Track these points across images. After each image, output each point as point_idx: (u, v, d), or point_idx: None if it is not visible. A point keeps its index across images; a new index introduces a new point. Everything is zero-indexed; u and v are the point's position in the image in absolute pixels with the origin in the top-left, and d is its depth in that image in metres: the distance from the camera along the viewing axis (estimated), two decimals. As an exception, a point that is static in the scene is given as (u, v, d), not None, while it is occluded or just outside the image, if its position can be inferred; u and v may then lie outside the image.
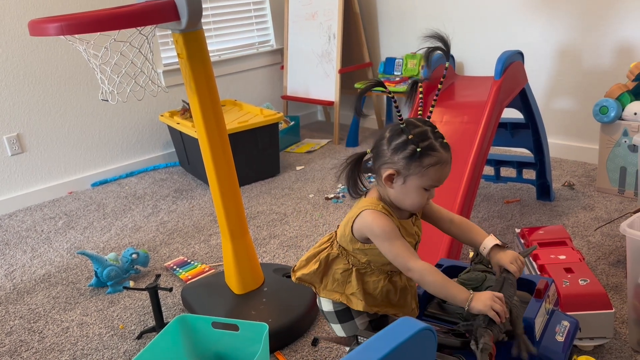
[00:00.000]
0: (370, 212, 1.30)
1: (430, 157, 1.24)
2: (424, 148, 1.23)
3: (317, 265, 1.40)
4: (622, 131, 2.66)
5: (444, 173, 1.28)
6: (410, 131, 1.24)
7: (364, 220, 1.30)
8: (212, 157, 1.85)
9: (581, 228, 2.46)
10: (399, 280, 1.38)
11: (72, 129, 3.54)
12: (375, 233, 1.29)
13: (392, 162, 1.27)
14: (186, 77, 1.73)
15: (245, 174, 3.34)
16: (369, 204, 1.32)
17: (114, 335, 2.05)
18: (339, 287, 1.40)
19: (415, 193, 1.28)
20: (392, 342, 0.65)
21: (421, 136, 1.24)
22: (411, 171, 1.25)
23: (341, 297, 1.39)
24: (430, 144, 1.24)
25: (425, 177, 1.25)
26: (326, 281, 1.41)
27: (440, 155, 1.25)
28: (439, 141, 1.26)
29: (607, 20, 2.97)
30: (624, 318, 1.82)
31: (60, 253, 2.75)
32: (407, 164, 1.25)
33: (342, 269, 1.38)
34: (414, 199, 1.28)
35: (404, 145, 1.25)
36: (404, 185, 1.27)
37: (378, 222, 1.28)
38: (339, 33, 3.90)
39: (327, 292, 1.41)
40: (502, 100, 2.26)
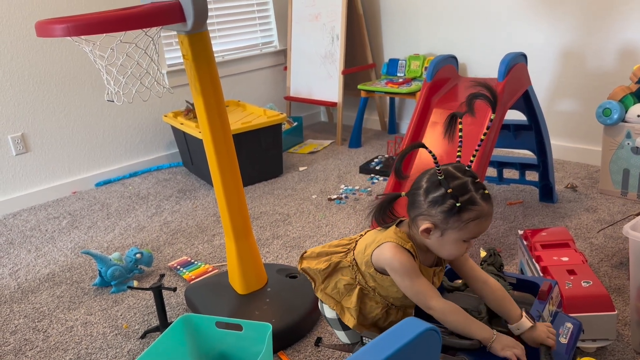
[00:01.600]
0: (393, 245, 1.26)
1: (470, 212, 1.18)
2: (464, 202, 1.18)
3: (326, 265, 1.39)
4: (625, 133, 2.67)
5: (484, 226, 1.22)
6: (449, 184, 1.19)
7: (383, 253, 1.27)
8: (216, 158, 1.86)
9: (584, 230, 2.46)
10: (394, 314, 1.38)
11: (76, 129, 3.55)
12: (394, 268, 1.25)
13: (429, 214, 1.22)
14: (191, 78, 1.74)
15: (249, 174, 3.35)
16: (397, 238, 1.27)
17: (118, 334, 2.06)
18: (337, 295, 1.39)
19: (453, 245, 1.23)
20: (397, 342, 0.65)
21: (461, 189, 1.18)
22: (449, 225, 1.20)
23: (336, 306, 1.39)
24: (470, 197, 1.18)
25: (465, 231, 1.20)
26: (327, 284, 1.40)
27: (480, 209, 1.19)
28: (480, 193, 1.19)
29: (611, 22, 2.97)
30: (626, 320, 1.82)
31: (65, 252, 2.77)
32: (446, 218, 1.19)
33: (346, 281, 1.37)
34: (451, 250, 1.24)
35: (442, 199, 1.19)
36: (441, 238, 1.23)
37: (399, 258, 1.24)
38: (342, 34, 3.90)
39: (324, 294, 1.41)
40: (505, 102, 2.26)
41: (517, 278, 1.51)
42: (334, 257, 1.40)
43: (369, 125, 4.40)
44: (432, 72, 2.48)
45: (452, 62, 2.61)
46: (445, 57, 2.56)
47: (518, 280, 1.51)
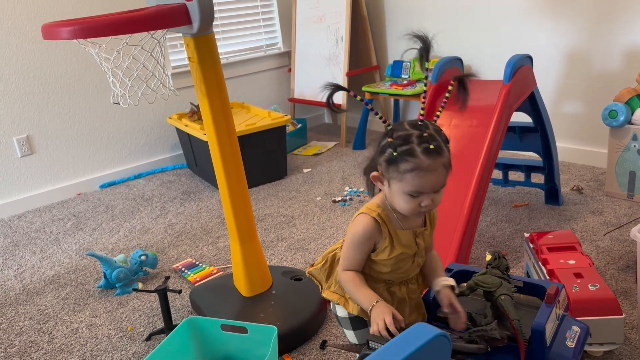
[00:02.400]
0: (362, 216, 1.30)
1: (406, 163, 1.18)
2: (401, 152, 1.19)
3: (323, 262, 1.42)
4: (632, 135, 2.65)
5: (428, 181, 1.20)
6: (393, 134, 1.22)
7: (354, 221, 1.32)
8: (222, 161, 1.86)
9: (590, 233, 2.45)
10: (397, 291, 1.37)
11: (81, 131, 3.56)
12: (351, 229, 1.31)
13: (378, 163, 1.26)
14: (197, 80, 1.74)
15: (253, 176, 3.35)
16: (366, 208, 1.31)
17: (123, 336, 2.06)
18: (340, 290, 1.39)
19: (400, 198, 1.23)
20: (408, 348, 0.65)
21: (402, 140, 1.20)
22: (390, 175, 1.22)
23: (340, 300, 1.38)
24: (409, 149, 1.18)
25: (404, 183, 1.20)
26: (330, 281, 1.42)
27: (418, 162, 1.18)
28: (422, 147, 1.18)
29: (617, 24, 2.96)
30: (633, 324, 1.81)
31: (69, 254, 2.77)
32: (387, 167, 1.23)
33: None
34: (401, 203, 1.24)
35: (385, 148, 1.23)
36: (389, 188, 1.25)
37: (356, 227, 1.29)
38: (346, 36, 3.90)
39: (329, 292, 1.41)
40: (511, 104, 2.26)
41: (524, 281, 1.50)
42: (330, 254, 1.42)
43: (373, 127, 4.39)
44: (437, 74, 2.47)
45: (457, 64, 2.60)
46: (450, 59, 2.55)
47: (524, 283, 1.50)
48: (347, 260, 1.32)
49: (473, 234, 2.09)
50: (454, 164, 1.56)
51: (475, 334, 1.28)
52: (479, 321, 1.37)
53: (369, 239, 1.29)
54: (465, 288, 1.46)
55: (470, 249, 2.09)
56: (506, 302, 1.37)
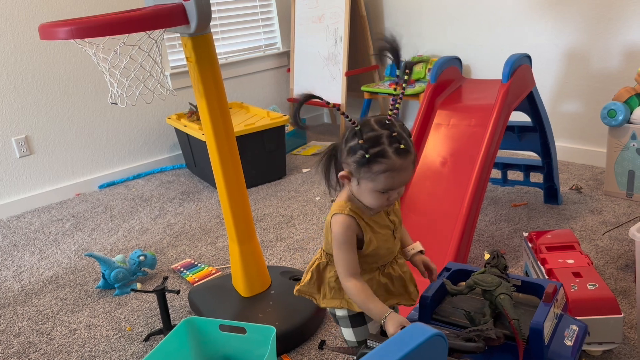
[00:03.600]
0: (336, 217, 1.30)
1: (379, 164, 1.19)
2: (373, 155, 1.19)
3: (309, 276, 1.40)
4: (631, 134, 2.65)
5: (398, 179, 1.22)
6: (363, 135, 1.20)
7: (332, 225, 1.31)
8: (220, 161, 1.86)
9: (589, 232, 2.45)
10: (392, 271, 1.38)
11: (80, 131, 3.56)
12: (332, 236, 1.30)
13: (346, 162, 1.25)
14: (195, 81, 1.74)
15: (252, 176, 3.35)
16: (337, 208, 1.31)
17: (122, 337, 2.05)
18: (337, 294, 1.39)
19: (371, 195, 1.25)
20: (403, 348, 0.65)
21: (372, 142, 1.20)
22: (362, 175, 1.23)
23: (341, 303, 1.38)
24: (380, 150, 1.19)
25: (376, 182, 1.22)
26: (324, 290, 1.40)
27: (391, 163, 1.19)
28: (393, 147, 1.19)
29: (616, 23, 2.95)
30: (632, 323, 1.81)
31: (68, 255, 2.77)
32: (358, 167, 1.22)
33: (334, 276, 1.37)
34: (371, 200, 1.26)
35: (355, 149, 1.22)
36: (358, 186, 1.26)
37: (336, 228, 1.29)
38: (345, 36, 3.90)
39: (327, 301, 1.40)
40: (509, 103, 2.26)
41: (522, 280, 1.50)
42: (313, 265, 1.41)
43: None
44: (436, 73, 2.47)
45: (456, 63, 2.60)
46: (449, 58, 2.55)
47: (523, 282, 1.49)
48: (344, 265, 1.30)
49: (472, 233, 2.09)
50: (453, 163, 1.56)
51: (472, 333, 1.27)
52: (477, 320, 1.37)
53: (352, 232, 1.29)
54: (464, 287, 1.46)
55: (469, 249, 2.09)
56: (505, 301, 1.37)
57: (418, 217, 2.20)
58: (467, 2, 3.59)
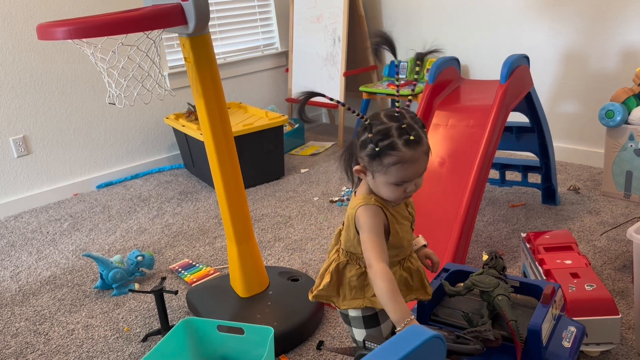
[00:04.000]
0: (361, 209, 1.28)
1: (390, 157, 1.21)
2: (383, 147, 1.20)
3: (329, 278, 1.37)
4: (629, 135, 2.66)
5: (411, 171, 1.23)
6: (372, 129, 1.22)
7: (358, 217, 1.29)
8: (218, 161, 1.86)
9: (587, 232, 2.45)
10: (411, 265, 1.37)
11: (78, 131, 3.55)
12: (360, 225, 1.28)
13: (360, 157, 1.27)
14: (193, 81, 1.74)
15: (250, 176, 3.34)
16: (362, 200, 1.30)
17: (119, 337, 2.05)
18: (358, 294, 1.36)
19: (386, 188, 1.26)
20: (402, 350, 0.65)
21: (382, 135, 1.21)
22: (374, 169, 1.24)
23: (364, 302, 1.35)
24: (390, 143, 1.20)
25: (389, 175, 1.23)
26: (343, 292, 1.38)
27: (401, 155, 1.20)
28: (403, 139, 1.20)
29: (614, 24, 2.96)
30: (630, 324, 1.81)
31: (66, 255, 2.76)
32: (370, 161, 1.24)
33: (355, 274, 1.35)
34: (387, 193, 1.27)
35: (366, 143, 1.23)
36: (373, 180, 1.27)
37: (364, 215, 1.27)
38: (344, 36, 3.90)
39: (347, 302, 1.37)
40: (507, 104, 2.26)
41: (520, 281, 1.50)
42: (331, 266, 1.38)
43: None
44: (435, 74, 2.47)
45: (454, 64, 2.60)
46: (448, 59, 2.55)
47: (521, 283, 1.50)
48: (376, 249, 1.25)
49: (470, 233, 2.09)
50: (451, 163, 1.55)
51: (470, 334, 1.28)
52: (475, 321, 1.37)
53: (381, 221, 1.28)
54: (462, 288, 1.46)
55: (467, 249, 2.09)
56: (503, 302, 1.37)
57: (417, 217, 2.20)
58: (466, 3, 3.59)
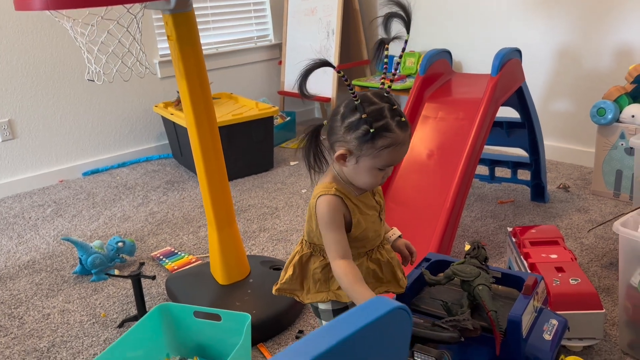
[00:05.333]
0: (322, 198, 1.24)
1: (385, 139, 1.16)
2: (378, 129, 1.15)
3: (291, 270, 1.33)
4: (620, 134, 2.63)
5: (400, 154, 1.20)
6: (365, 109, 1.16)
7: (317, 207, 1.25)
8: (199, 141, 1.81)
9: (575, 230, 2.43)
10: (380, 256, 1.33)
11: (65, 117, 3.50)
12: (318, 217, 1.24)
13: (344, 140, 1.19)
14: (175, 59, 1.70)
15: (239, 167, 3.30)
16: (322, 189, 1.25)
17: (95, 323, 2.01)
18: (322, 286, 1.32)
19: (368, 173, 1.21)
20: (363, 319, 0.61)
21: (376, 115, 1.16)
22: (364, 152, 1.18)
23: (328, 296, 1.32)
24: (385, 124, 1.16)
25: (379, 159, 1.18)
26: (307, 285, 1.34)
27: (395, 137, 1.17)
28: (395, 120, 1.16)
29: (607, 22, 2.94)
30: (614, 320, 1.78)
31: (47, 240, 2.71)
32: (360, 144, 1.17)
33: (319, 266, 1.31)
34: (366, 179, 1.22)
35: (357, 124, 1.16)
36: (356, 165, 1.20)
37: (323, 209, 1.23)
38: (337, 29, 3.86)
39: (312, 295, 1.34)
40: (498, 97, 2.23)
41: (502, 272, 1.47)
42: (294, 259, 1.34)
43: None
44: (425, 65, 2.44)
45: (445, 56, 2.57)
46: (439, 51, 2.52)
47: (503, 274, 1.47)
48: (335, 246, 1.24)
49: (456, 226, 2.06)
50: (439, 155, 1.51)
51: (448, 323, 1.24)
52: (454, 311, 1.34)
53: (340, 212, 1.24)
54: (443, 277, 1.43)
55: (452, 242, 2.06)
56: (483, 292, 1.34)
57: (403, 208, 2.17)
58: (462, 0, 3.56)
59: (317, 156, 1.26)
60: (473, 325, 1.26)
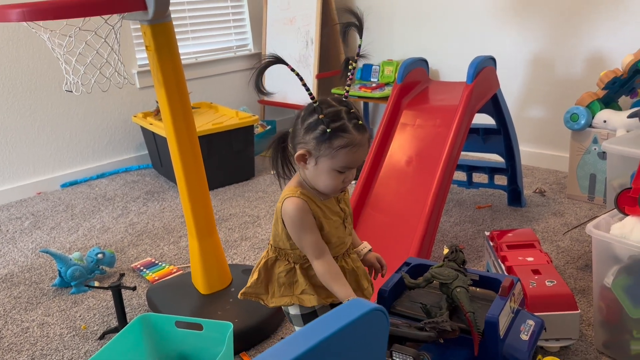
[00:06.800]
0: (288, 200, 1.26)
1: (341, 139, 1.20)
2: (334, 129, 1.19)
3: (256, 275, 1.36)
4: (592, 138, 2.70)
5: (357, 156, 1.23)
6: (323, 110, 1.20)
7: (284, 211, 1.27)
8: (179, 150, 1.82)
9: (551, 233, 2.48)
10: (345, 264, 1.35)
11: (42, 128, 3.46)
12: (286, 222, 1.26)
13: (304, 141, 1.23)
14: (154, 70, 1.70)
15: (219, 176, 3.30)
16: (288, 192, 1.28)
17: (76, 335, 1.99)
18: (286, 291, 1.35)
19: (328, 175, 1.24)
20: (340, 321, 0.63)
21: (333, 116, 1.20)
22: (322, 152, 1.21)
23: (292, 299, 1.34)
24: (341, 125, 1.20)
25: (336, 159, 1.21)
26: (272, 289, 1.36)
27: (351, 138, 1.20)
28: (352, 122, 1.21)
29: (578, 30, 3.02)
30: (590, 320, 1.83)
31: (25, 253, 2.68)
32: (318, 144, 1.21)
33: (284, 270, 1.33)
34: (326, 181, 1.25)
35: (315, 125, 1.21)
36: (316, 166, 1.24)
37: (291, 212, 1.25)
38: (316, 38, 3.90)
39: (276, 299, 1.36)
40: (473, 104, 2.27)
41: (480, 275, 1.50)
42: (260, 263, 1.37)
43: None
44: (403, 74, 2.48)
45: (422, 65, 2.62)
46: (416, 59, 2.56)
47: (480, 277, 1.49)
48: (311, 246, 1.26)
49: (435, 231, 2.09)
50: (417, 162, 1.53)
51: (427, 325, 1.27)
52: (433, 313, 1.36)
53: (307, 213, 1.26)
54: (422, 280, 1.45)
55: (432, 247, 2.09)
56: (461, 294, 1.37)
57: (382, 215, 2.19)
58: (437, 9, 3.62)
59: (285, 163, 1.31)
60: (451, 327, 1.28)
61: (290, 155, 1.30)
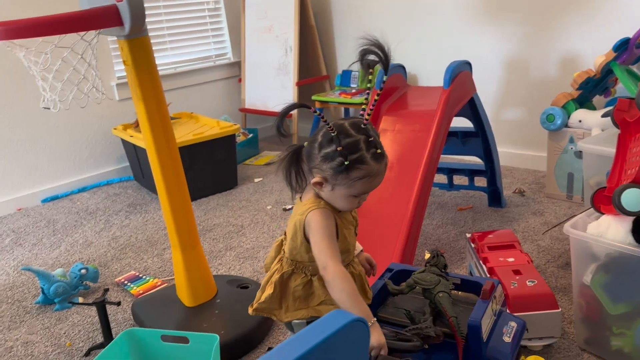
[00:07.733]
0: (315, 211, 1.27)
1: (359, 171, 1.21)
2: (352, 161, 1.19)
3: (271, 289, 1.34)
4: (569, 138, 2.75)
5: (374, 183, 1.25)
6: (341, 141, 1.20)
7: (309, 220, 1.27)
8: (159, 164, 1.82)
9: (531, 233, 2.52)
10: (354, 269, 1.37)
11: (21, 143, 3.42)
12: (312, 228, 1.27)
13: (321, 169, 1.24)
14: (132, 84, 1.70)
15: (202, 187, 3.29)
16: (312, 204, 1.29)
17: (61, 353, 1.97)
18: (302, 304, 1.34)
19: (344, 200, 1.26)
20: (322, 333, 0.64)
21: (351, 148, 1.20)
22: (338, 181, 1.22)
23: (308, 312, 1.34)
24: (360, 156, 1.20)
25: (353, 188, 1.23)
26: (286, 303, 1.35)
27: (369, 169, 1.21)
28: (370, 152, 1.21)
29: (551, 32, 3.08)
30: (571, 318, 1.86)
31: (6, 271, 2.64)
32: (335, 174, 1.22)
33: (301, 283, 1.33)
34: (342, 204, 1.27)
35: (333, 156, 1.21)
36: (332, 192, 1.25)
37: (318, 220, 1.26)
38: (295, 46, 3.92)
39: (291, 313, 1.35)
40: (451, 108, 2.31)
41: (462, 279, 1.52)
42: (274, 277, 1.35)
43: (324, 137, 4.40)
44: (381, 80, 2.50)
45: (400, 70, 2.65)
46: (394, 66, 2.59)
47: (462, 280, 1.52)
48: (330, 252, 1.24)
49: (417, 235, 2.11)
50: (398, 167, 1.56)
51: (411, 332, 1.28)
52: (417, 319, 1.38)
53: (332, 222, 1.28)
54: (405, 286, 1.47)
55: (415, 251, 2.11)
56: (444, 299, 1.39)
57: (365, 220, 2.19)
58: (413, 14, 3.67)
59: (299, 176, 1.30)
60: (435, 332, 1.30)
61: (304, 169, 1.30)
